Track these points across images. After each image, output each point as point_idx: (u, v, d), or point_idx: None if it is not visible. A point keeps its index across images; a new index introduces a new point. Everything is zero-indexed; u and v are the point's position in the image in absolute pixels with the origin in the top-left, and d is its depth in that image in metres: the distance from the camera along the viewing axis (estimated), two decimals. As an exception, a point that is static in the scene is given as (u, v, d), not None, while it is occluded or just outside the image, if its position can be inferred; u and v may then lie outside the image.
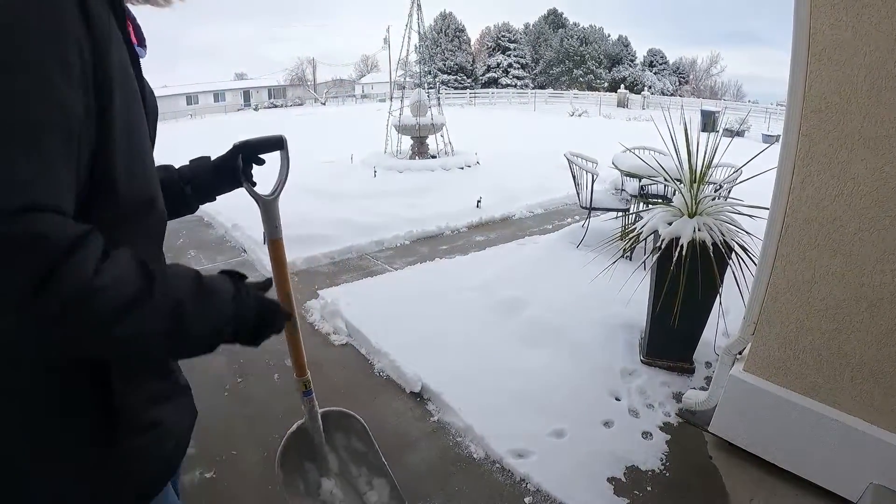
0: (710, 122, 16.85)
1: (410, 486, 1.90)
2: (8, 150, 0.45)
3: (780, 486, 1.88)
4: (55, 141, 0.48)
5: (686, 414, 2.27)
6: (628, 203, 4.30)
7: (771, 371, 1.94)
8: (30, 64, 0.47)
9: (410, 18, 9.31)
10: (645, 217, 2.64)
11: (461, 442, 2.13)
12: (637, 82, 39.93)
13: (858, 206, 1.64)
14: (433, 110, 8.98)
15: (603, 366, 2.58)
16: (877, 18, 1.50)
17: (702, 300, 2.40)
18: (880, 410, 1.71)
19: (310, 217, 4.92)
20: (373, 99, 42.38)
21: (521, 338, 2.83)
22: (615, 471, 1.95)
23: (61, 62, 0.48)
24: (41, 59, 0.47)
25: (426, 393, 2.44)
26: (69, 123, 0.49)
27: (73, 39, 0.50)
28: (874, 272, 1.64)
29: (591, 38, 42.74)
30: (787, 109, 1.75)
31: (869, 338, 1.69)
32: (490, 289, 3.41)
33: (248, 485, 1.91)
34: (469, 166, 8.06)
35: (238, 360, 2.77)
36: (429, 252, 4.51)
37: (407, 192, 6.24)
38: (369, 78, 52.90)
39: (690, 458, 2.04)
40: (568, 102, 30.49)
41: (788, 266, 1.83)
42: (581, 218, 4.94)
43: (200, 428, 2.31)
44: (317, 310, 3.31)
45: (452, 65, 42.94)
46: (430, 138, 9.03)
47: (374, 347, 2.77)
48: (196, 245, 4.73)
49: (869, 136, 1.58)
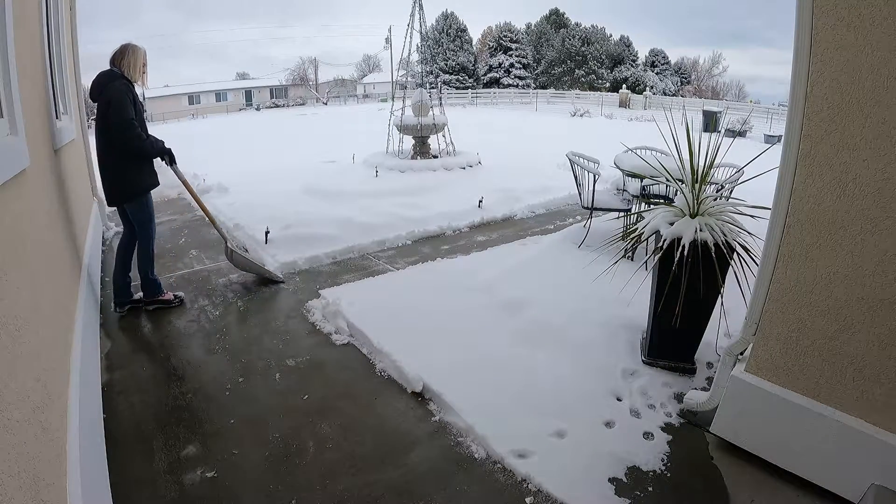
0: (711, 122, 16.84)
1: (411, 485, 1.90)
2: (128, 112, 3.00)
3: (781, 486, 1.88)
4: (133, 112, 3.02)
5: (687, 414, 2.26)
6: (630, 203, 4.30)
7: (772, 372, 1.94)
8: (123, 101, 2.98)
9: (412, 18, 9.31)
10: (646, 217, 2.64)
11: (462, 442, 2.13)
12: (639, 82, 39.86)
13: (860, 207, 1.64)
14: (435, 110, 8.98)
15: (604, 366, 2.58)
16: (878, 19, 1.50)
17: (703, 301, 2.40)
18: (882, 411, 1.70)
19: (311, 217, 4.93)
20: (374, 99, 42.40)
21: (523, 338, 2.83)
22: (616, 471, 1.95)
23: (128, 100, 3.01)
24: (125, 99, 3.00)
25: (427, 393, 2.44)
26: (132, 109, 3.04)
27: (129, 97, 3.03)
28: (876, 273, 1.64)
29: (593, 38, 42.68)
30: (788, 110, 1.74)
31: (870, 338, 1.69)
32: (491, 289, 3.42)
33: (249, 484, 1.91)
34: (471, 166, 8.06)
35: (240, 359, 2.77)
36: (430, 252, 4.51)
37: (408, 192, 6.24)
38: (371, 78, 52.93)
39: (692, 458, 2.04)
40: (570, 102, 30.50)
41: (790, 267, 1.83)
42: (583, 218, 4.94)
43: (202, 428, 2.33)
44: (318, 309, 3.31)
45: (454, 64, 42.92)
46: (432, 138, 9.03)
47: (375, 347, 2.78)
48: (197, 245, 4.73)
49: (871, 137, 1.58)
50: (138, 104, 3.11)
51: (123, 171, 3.12)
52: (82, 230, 3.83)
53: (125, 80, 3.06)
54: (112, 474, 1.90)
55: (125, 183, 3.14)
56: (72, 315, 2.42)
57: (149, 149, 3.12)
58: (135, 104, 3.06)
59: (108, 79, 3.04)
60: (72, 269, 2.81)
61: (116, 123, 2.96)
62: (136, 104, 3.07)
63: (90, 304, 2.97)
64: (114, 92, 2.97)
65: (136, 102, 3.08)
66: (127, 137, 3.00)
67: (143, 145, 3.08)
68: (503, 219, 5.59)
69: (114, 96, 2.96)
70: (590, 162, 4.62)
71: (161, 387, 2.53)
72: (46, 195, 2.45)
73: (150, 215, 3.28)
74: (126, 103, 2.98)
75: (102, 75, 3.07)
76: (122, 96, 2.97)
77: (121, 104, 2.95)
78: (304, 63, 51.66)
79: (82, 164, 4.95)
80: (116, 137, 2.99)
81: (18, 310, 1.39)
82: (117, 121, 2.96)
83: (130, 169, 3.12)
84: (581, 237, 4.26)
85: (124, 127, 2.97)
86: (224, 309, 3.42)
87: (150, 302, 3.39)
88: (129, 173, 3.13)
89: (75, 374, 1.95)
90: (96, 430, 2.07)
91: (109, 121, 2.97)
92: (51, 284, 2.02)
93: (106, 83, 3.02)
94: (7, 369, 1.18)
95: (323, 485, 1.91)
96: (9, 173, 1.55)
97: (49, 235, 2.29)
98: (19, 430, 1.17)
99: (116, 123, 2.96)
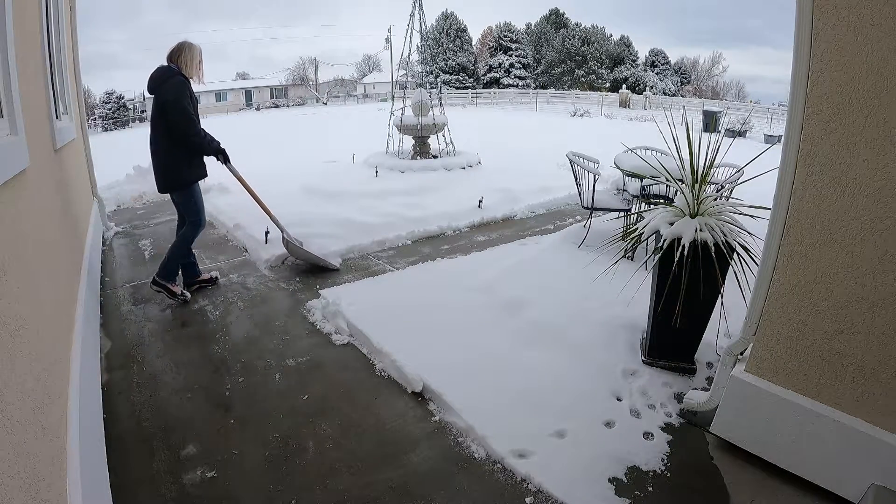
0: (711, 122, 16.85)
1: (411, 485, 1.90)
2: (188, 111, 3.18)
3: (781, 486, 1.88)
4: (191, 108, 3.20)
5: (687, 414, 2.26)
6: (630, 203, 4.30)
7: (772, 372, 1.94)
8: (182, 99, 3.15)
9: (412, 18, 9.31)
10: (646, 217, 2.64)
11: (462, 442, 2.13)
12: (639, 82, 39.88)
13: (860, 207, 1.64)
14: (435, 110, 8.97)
15: (604, 366, 2.58)
16: (878, 19, 1.50)
17: (703, 301, 2.40)
18: (882, 411, 1.70)
19: (311, 217, 4.93)
20: (374, 99, 42.40)
21: (523, 338, 2.83)
22: (616, 471, 1.95)
23: (186, 97, 3.18)
24: (183, 97, 3.16)
25: (427, 393, 2.44)
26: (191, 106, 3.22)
27: (187, 94, 3.19)
28: (876, 272, 1.64)
29: (593, 38, 42.70)
30: (788, 110, 1.74)
31: (870, 338, 1.69)
32: (492, 289, 3.42)
33: (249, 484, 1.91)
34: (471, 166, 8.05)
35: (240, 359, 2.77)
36: (430, 252, 4.51)
37: (408, 192, 6.24)
38: (371, 78, 52.93)
39: (692, 458, 2.04)
40: (570, 102, 30.52)
41: (790, 267, 1.83)
42: (583, 218, 4.94)
43: (202, 428, 2.33)
44: (318, 309, 3.31)
45: (454, 64, 42.94)
46: (432, 138, 9.02)
47: (375, 347, 2.78)
48: (197, 245, 4.70)
49: (871, 137, 1.58)
50: (194, 99, 3.28)
51: (174, 162, 3.28)
52: (82, 230, 3.83)
53: (182, 77, 3.22)
54: (112, 474, 1.90)
55: (175, 172, 3.31)
56: (72, 315, 2.42)
57: (207, 147, 3.32)
58: (191, 99, 3.24)
59: (167, 75, 3.19)
60: (72, 269, 2.81)
61: (177, 121, 3.15)
62: (192, 100, 3.25)
63: (90, 304, 2.97)
64: (172, 89, 3.15)
65: (192, 98, 3.25)
66: (187, 134, 3.20)
67: (202, 143, 3.29)
68: (503, 219, 5.59)
69: (173, 94, 3.14)
70: (590, 162, 4.62)
71: (161, 387, 2.53)
72: (46, 195, 2.44)
73: (197, 207, 3.44)
74: (185, 101, 3.16)
75: (161, 71, 3.23)
76: (180, 95, 3.14)
77: (180, 103, 3.14)
78: (304, 63, 51.71)
79: (82, 164, 4.95)
80: (176, 133, 3.18)
81: (18, 309, 1.39)
82: (179, 118, 3.15)
83: (181, 161, 3.29)
84: (581, 237, 4.26)
85: (185, 125, 3.17)
86: (224, 309, 3.42)
87: (157, 284, 3.47)
88: (179, 164, 3.29)
89: (75, 374, 1.95)
90: (96, 430, 2.07)
91: (169, 117, 3.15)
92: (51, 284, 2.02)
93: (164, 80, 3.18)
94: (7, 369, 1.18)
95: (323, 485, 1.91)
96: (9, 173, 1.55)
97: (49, 235, 2.28)
98: (19, 430, 1.17)
99: (177, 121, 3.15)
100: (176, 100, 3.12)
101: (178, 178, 3.33)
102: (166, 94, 3.13)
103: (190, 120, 3.17)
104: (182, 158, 3.28)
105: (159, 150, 3.25)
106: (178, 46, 3.28)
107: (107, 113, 38.23)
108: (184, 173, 3.32)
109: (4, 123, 1.81)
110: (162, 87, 3.16)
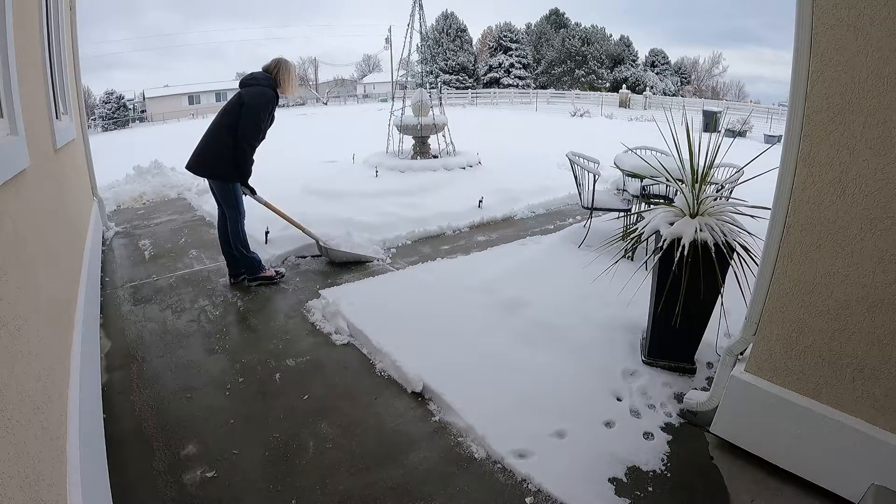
0: (711, 122, 16.85)
1: (411, 485, 1.90)
2: (260, 125, 3.34)
3: (781, 486, 1.88)
4: (265, 124, 3.37)
5: (687, 414, 2.26)
6: (630, 203, 4.30)
7: (772, 372, 1.94)
8: (261, 113, 3.31)
9: (412, 18, 9.31)
10: (646, 217, 2.64)
11: (462, 442, 2.13)
12: (639, 82, 39.88)
13: (860, 207, 1.64)
14: (435, 110, 8.97)
15: (604, 366, 2.58)
16: (878, 19, 1.50)
17: (703, 301, 2.39)
18: (882, 411, 1.70)
19: (311, 217, 4.90)
20: (374, 99, 42.37)
21: (523, 338, 2.83)
22: (616, 471, 1.95)
23: (266, 113, 3.35)
24: (264, 110, 3.33)
25: (427, 393, 2.44)
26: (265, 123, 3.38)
27: (269, 108, 3.35)
28: (876, 272, 1.64)
29: (593, 38, 42.69)
30: (788, 110, 1.74)
31: (870, 338, 1.69)
32: (492, 289, 3.42)
33: (249, 484, 1.91)
34: (471, 166, 8.05)
35: (240, 359, 2.77)
36: (430, 252, 4.51)
37: (408, 192, 6.24)
38: (371, 78, 52.94)
39: (692, 458, 2.04)
40: (570, 102, 30.51)
41: (790, 267, 1.83)
42: (583, 218, 4.94)
43: (202, 427, 2.33)
44: (318, 309, 3.31)
45: (454, 64, 42.94)
46: (432, 138, 9.02)
47: (375, 347, 2.78)
48: (198, 245, 4.74)
49: (871, 137, 1.58)
50: (272, 117, 3.44)
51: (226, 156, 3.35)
52: (82, 230, 3.83)
53: (273, 92, 3.35)
54: (112, 474, 1.90)
55: (223, 166, 3.38)
56: (72, 315, 2.42)
57: (246, 167, 3.40)
58: (270, 116, 3.40)
59: (264, 83, 3.37)
60: (72, 269, 2.81)
61: (246, 127, 3.28)
62: (270, 117, 3.41)
63: (90, 304, 2.96)
64: (260, 98, 3.30)
65: (271, 115, 3.42)
66: (246, 141, 3.30)
67: (247, 161, 3.38)
68: (503, 219, 5.58)
69: (257, 102, 3.28)
70: (590, 162, 4.62)
71: (161, 387, 2.53)
72: (46, 195, 2.44)
73: (237, 198, 3.51)
74: (263, 115, 3.31)
75: (258, 76, 3.38)
76: (262, 107, 3.30)
77: (259, 114, 3.28)
78: (304, 63, 51.69)
79: (82, 164, 4.95)
80: (239, 136, 3.29)
81: (18, 309, 1.39)
82: (249, 126, 3.28)
83: (230, 160, 3.36)
84: (581, 237, 4.26)
85: (250, 135, 3.30)
86: (224, 309, 3.42)
87: (253, 279, 3.58)
88: (228, 162, 3.36)
89: (75, 374, 1.95)
90: (96, 430, 2.06)
91: (242, 120, 3.27)
92: (51, 284, 2.02)
93: (259, 84, 3.36)
94: (7, 369, 1.18)
95: (323, 485, 1.91)
96: (9, 173, 1.55)
97: (49, 235, 2.28)
98: (19, 430, 1.17)
99: (246, 127, 3.28)
100: (257, 109, 3.26)
101: (225, 172, 3.39)
102: (253, 99, 3.27)
103: (255, 135, 3.32)
104: (232, 159, 3.36)
105: (219, 138, 3.33)
106: (276, 61, 3.41)
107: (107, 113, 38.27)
108: (230, 172, 3.39)
109: (4, 123, 1.81)
110: (252, 89, 3.31)
